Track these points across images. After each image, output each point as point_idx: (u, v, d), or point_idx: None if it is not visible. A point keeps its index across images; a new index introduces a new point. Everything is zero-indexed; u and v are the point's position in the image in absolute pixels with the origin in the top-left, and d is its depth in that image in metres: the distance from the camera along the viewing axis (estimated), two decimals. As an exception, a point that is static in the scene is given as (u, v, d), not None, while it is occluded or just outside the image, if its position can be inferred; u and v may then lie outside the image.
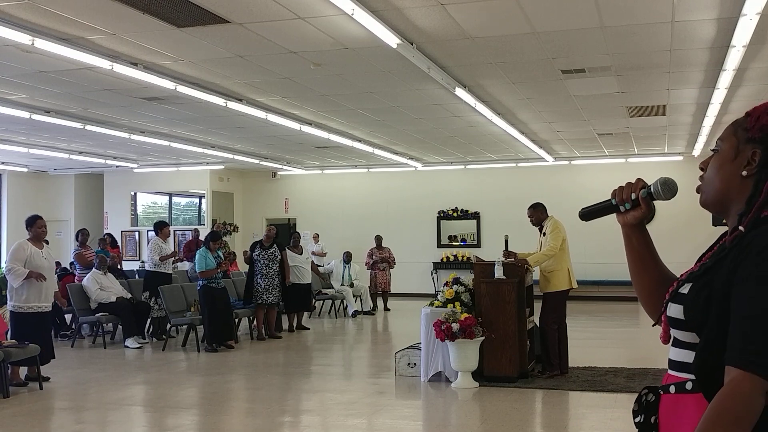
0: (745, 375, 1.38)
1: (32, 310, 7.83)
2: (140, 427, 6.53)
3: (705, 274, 1.57)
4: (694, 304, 1.56)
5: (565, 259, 7.91)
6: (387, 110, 11.13)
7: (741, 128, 1.63)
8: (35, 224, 8.06)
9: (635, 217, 1.80)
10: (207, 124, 12.16)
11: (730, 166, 1.62)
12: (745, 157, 1.59)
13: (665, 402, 1.66)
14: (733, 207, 1.62)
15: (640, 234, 1.82)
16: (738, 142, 1.62)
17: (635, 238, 1.83)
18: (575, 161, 17.17)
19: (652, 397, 1.69)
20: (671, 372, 1.67)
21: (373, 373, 8.83)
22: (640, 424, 1.70)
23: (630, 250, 1.84)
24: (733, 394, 1.39)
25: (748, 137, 1.60)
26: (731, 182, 1.61)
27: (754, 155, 1.58)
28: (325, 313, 14.95)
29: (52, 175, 19.30)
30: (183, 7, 6.26)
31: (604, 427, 6.02)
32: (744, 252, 1.48)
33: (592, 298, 16.24)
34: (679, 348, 1.64)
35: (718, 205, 1.67)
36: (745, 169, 1.59)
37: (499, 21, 6.79)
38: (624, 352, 9.84)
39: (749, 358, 1.39)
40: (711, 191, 1.66)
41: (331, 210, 19.27)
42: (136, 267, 16.58)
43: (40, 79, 8.84)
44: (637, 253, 1.83)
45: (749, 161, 1.58)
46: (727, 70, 8.40)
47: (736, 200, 1.61)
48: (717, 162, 1.65)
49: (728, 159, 1.63)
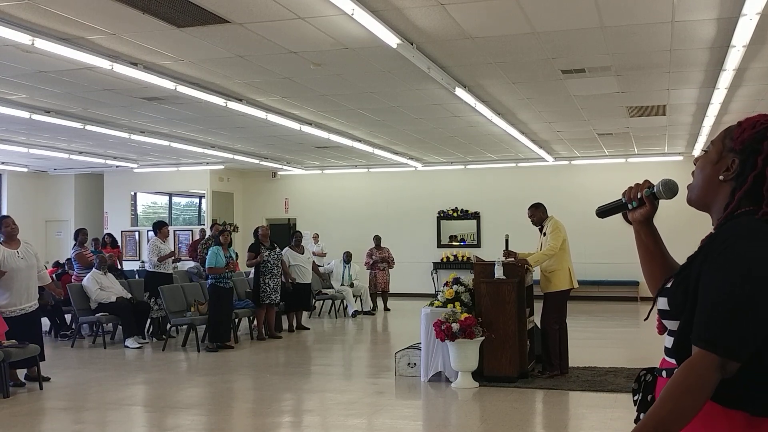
0: (701, 352, 1.57)
1: (15, 313, 7.66)
2: (140, 427, 6.52)
3: (684, 269, 1.75)
4: (675, 296, 1.74)
5: (566, 258, 7.90)
6: (387, 110, 11.13)
7: (729, 136, 1.79)
8: (2, 224, 7.79)
9: (642, 214, 1.98)
10: (207, 124, 12.17)
11: (711, 169, 1.80)
12: (725, 164, 1.77)
13: (660, 384, 1.82)
14: (713, 209, 1.80)
15: (648, 229, 2.00)
16: (723, 148, 1.79)
17: (644, 233, 2.01)
18: (575, 161, 17.17)
19: (650, 378, 1.87)
20: (665, 357, 1.85)
21: (373, 373, 8.83)
22: (639, 401, 1.88)
23: (639, 243, 2.02)
24: (689, 368, 1.58)
25: (731, 147, 1.77)
26: (710, 183, 1.80)
27: (733, 163, 1.75)
28: (325, 313, 14.95)
29: (52, 175, 19.31)
30: (183, 7, 6.26)
31: (604, 427, 6.02)
32: (712, 244, 1.66)
33: (592, 298, 16.24)
34: (670, 336, 1.82)
35: (700, 205, 1.85)
36: (722, 174, 1.76)
37: (499, 21, 6.79)
38: (624, 352, 9.84)
39: (704, 336, 1.58)
40: (695, 190, 1.85)
41: (331, 210, 19.27)
42: (136, 267, 16.58)
43: (40, 79, 8.84)
44: (645, 247, 2.01)
45: (728, 168, 1.76)
46: (727, 70, 8.40)
47: (714, 203, 1.79)
48: (702, 164, 1.84)
49: (711, 162, 1.80)
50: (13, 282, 7.69)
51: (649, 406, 1.82)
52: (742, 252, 1.60)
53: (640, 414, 1.87)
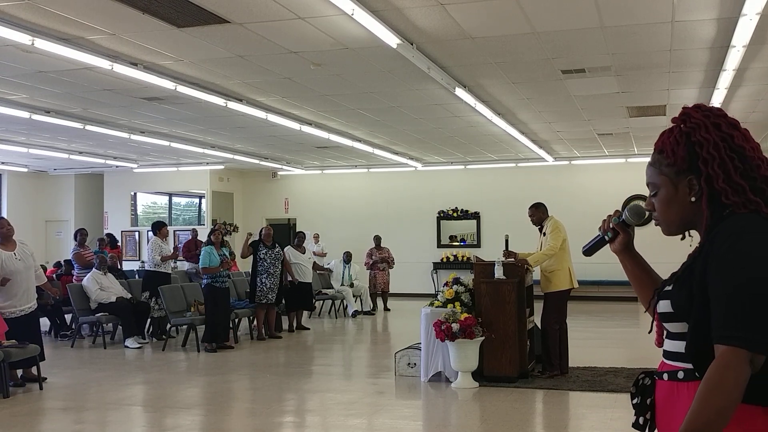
0: (728, 349, 1.54)
1: (14, 314, 7.64)
2: (140, 427, 6.52)
3: (686, 271, 1.74)
4: (679, 298, 1.73)
5: (566, 258, 7.90)
6: (387, 110, 11.13)
7: (663, 165, 1.80)
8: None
9: (620, 243, 2.02)
10: (207, 124, 12.16)
11: (676, 200, 1.80)
12: (685, 187, 1.77)
13: (660, 387, 1.83)
14: (697, 224, 1.80)
15: (630, 256, 2.04)
16: (669, 178, 1.80)
17: (627, 262, 2.05)
18: (575, 161, 17.17)
19: (648, 381, 1.86)
20: (665, 360, 1.83)
21: (373, 373, 8.82)
22: (637, 405, 1.87)
23: (626, 271, 2.07)
24: (723, 368, 1.54)
25: (676, 170, 1.78)
26: (685, 211, 1.79)
27: (691, 181, 1.76)
28: (325, 313, 14.95)
29: (52, 175, 19.30)
30: (183, 7, 6.26)
31: (604, 427, 6.02)
32: (714, 241, 1.66)
33: (592, 298, 16.24)
34: (672, 339, 1.80)
35: (683, 230, 1.85)
36: (691, 196, 1.76)
37: (499, 21, 6.79)
38: (624, 352, 9.84)
39: (729, 333, 1.55)
40: (671, 223, 1.84)
41: (331, 210, 19.27)
42: (136, 267, 16.58)
43: (40, 79, 8.84)
44: (632, 273, 2.05)
45: (690, 188, 1.76)
46: (727, 70, 8.40)
47: (696, 219, 1.79)
48: (662, 203, 1.83)
49: (670, 196, 1.81)
50: (13, 284, 7.65)
51: (647, 409, 1.84)
52: (753, 245, 1.60)
53: (638, 418, 1.86)
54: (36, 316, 8.11)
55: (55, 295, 9.81)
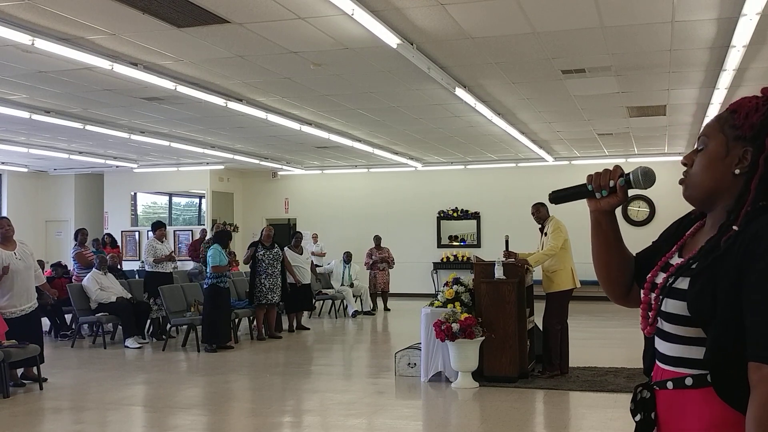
0: None
1: (15, 314, 7.65)
2: (140, 427, 6.52)
3: (705, 271, 1.55)
4: (700, 302, 1.54)
5: (568, 258, 7.91)
6: (387, 110, 11.13)
7: (728, 125, 1.63)
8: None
9: (610, 204, 1.81)
10: (207, 124, 12.16)
11: (720, 164, 1.62)
12: (736, 155, 1.60)
13: (663, 398, 1.65)
14: (720, 202, 1.63)
15: (609, 220, 1.83)
16: (727, 139, 1.62)
17: (605, 224, 1.84)
18: (575, 161, 17.16)
19: (647, 394, 1.69)
20: (665, 366, 1.66)
21: (373, 373, 8.82)
22: (641, 422, 1.68)
23: (598, 233, 1.85)
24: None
25: (737, 135, 1.61)
26: (723, 180, 1.62)
27: (746, 153, 1.59)
28: (325, 313, 14.95)
29: (52, 175, 19.30)
30: (183, 7, 6.26)
31: (604, 427, 6.02)
32: (750, 247, 1.47)
33: (592, 298, 16.22)
34: (674, 343, 1.63)
35: (705, 201, 1.67)
36: (737, 167, 1.59)
37: (499, 21, 6.79)
38: (624, 352, 9.83)
39: None
40: (699, 187, 1.66)
41: (331, 210, 19.27)
42: (136, 267, 16.57)
43: (40, 79, 8.84)
44: (605, 238, 1.84)
45: (741, 159, 1.59)
46: (727, 70, 8.40)
47: (725, 196, 1.61)
48: (705, 159, 1.65)
49: (718, 157, 1.63)
50: (13, 284, 7.65)
51: (653, 425, 1.67)
52: None
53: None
54: (37, 316, 8.12)
55: (54, 295, 9.81)
